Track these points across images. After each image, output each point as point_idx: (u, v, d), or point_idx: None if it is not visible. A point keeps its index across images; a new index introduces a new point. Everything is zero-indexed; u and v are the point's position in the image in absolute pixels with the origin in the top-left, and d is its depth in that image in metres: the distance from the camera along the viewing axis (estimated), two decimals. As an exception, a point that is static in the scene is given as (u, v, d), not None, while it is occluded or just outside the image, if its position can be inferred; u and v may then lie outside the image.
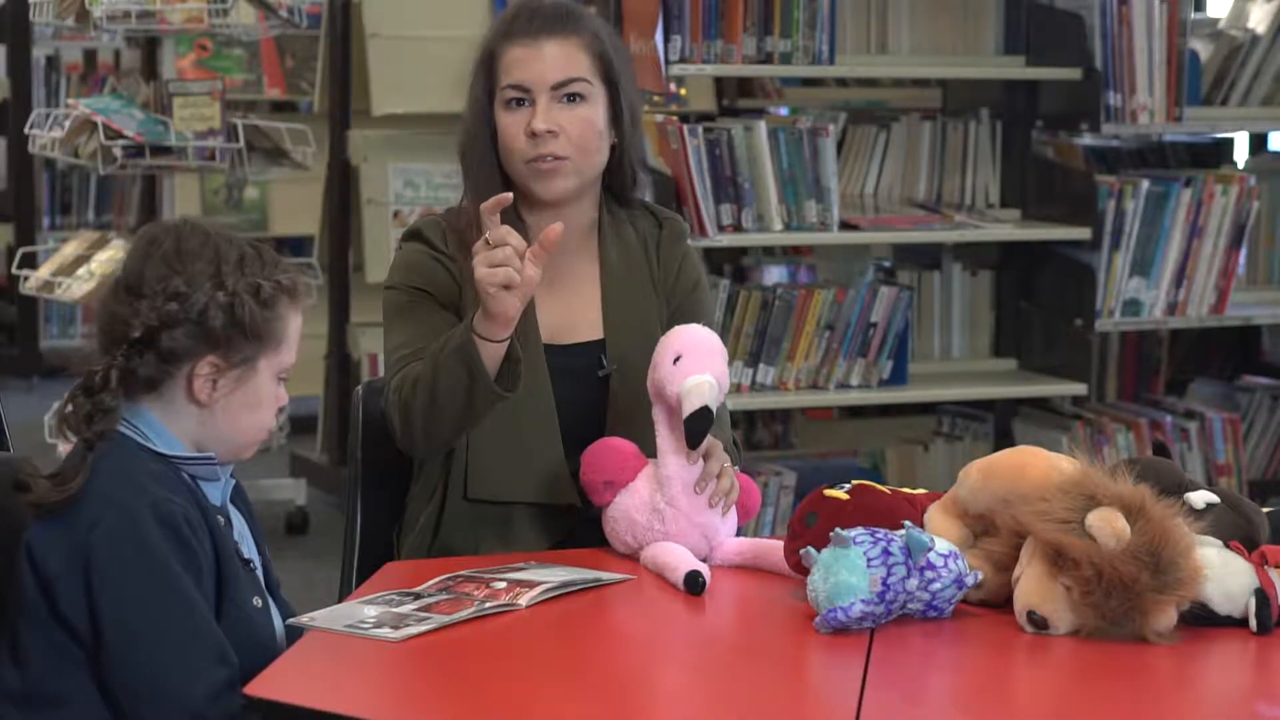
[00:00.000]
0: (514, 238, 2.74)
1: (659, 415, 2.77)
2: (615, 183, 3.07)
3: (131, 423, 2.50)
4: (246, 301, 2.49)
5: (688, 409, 2.71)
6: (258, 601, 2.54)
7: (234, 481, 2.61)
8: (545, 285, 2.93)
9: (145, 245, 2.52)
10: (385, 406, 2.93)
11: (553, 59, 2.97)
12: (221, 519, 2.53)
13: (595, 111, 2.98)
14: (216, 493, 2.55)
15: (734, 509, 2.81)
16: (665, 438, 2.77)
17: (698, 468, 2.77)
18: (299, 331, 2.57)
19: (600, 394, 3.00)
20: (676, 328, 2.82)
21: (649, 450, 2.80)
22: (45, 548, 2.44)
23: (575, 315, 3.02)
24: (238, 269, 2.50)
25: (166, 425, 2.51)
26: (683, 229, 3.14)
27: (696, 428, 2.71)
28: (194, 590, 2.42)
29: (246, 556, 2.57)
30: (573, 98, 2.97)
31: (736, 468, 2.86)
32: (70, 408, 2.47)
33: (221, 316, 2.48)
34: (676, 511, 2.75)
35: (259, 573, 2.60)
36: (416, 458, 3.01)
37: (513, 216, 2.97)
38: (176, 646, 2.40)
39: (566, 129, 2.95)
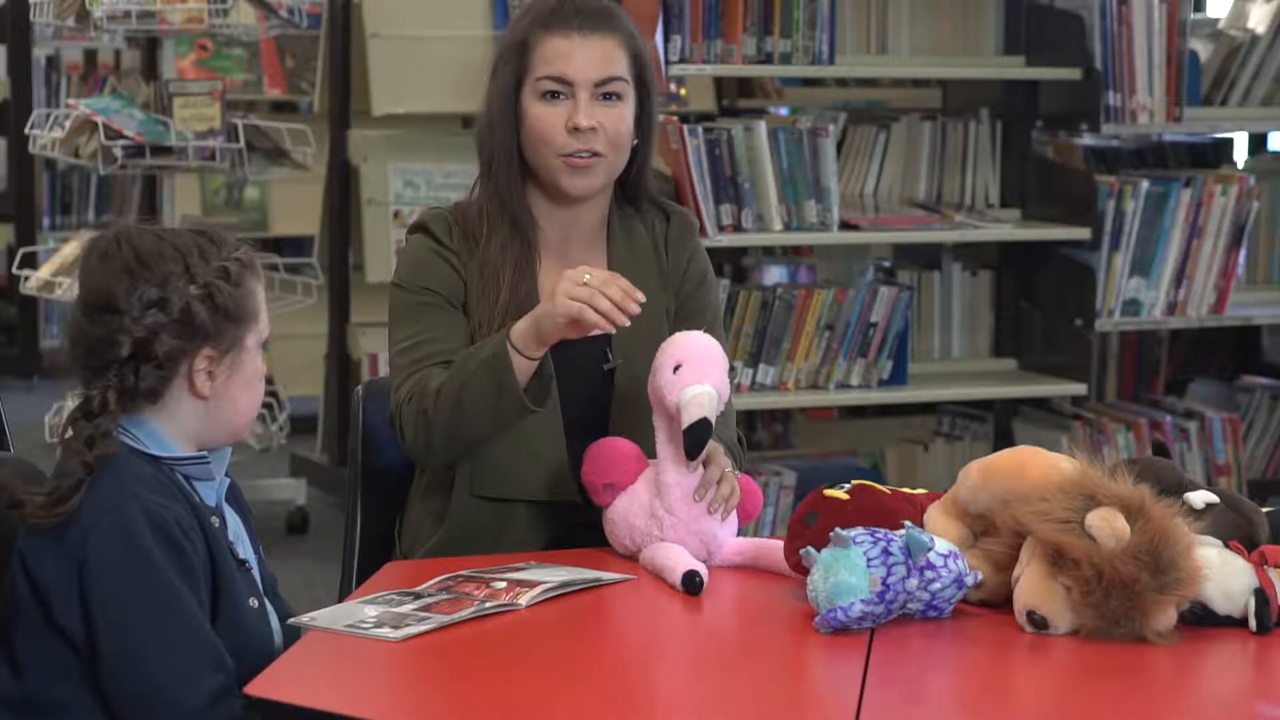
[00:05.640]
0: (614, 290, 2.74)
1: (659, 422, 2.76)
2: (629, 185, 3.06)
3: (125, 428, 2.49)
4: (221, 287, 2.49)
5: (686, 420, 2.70)
6: (253, 603, 2.54)
7: (229, 480, 2.61)
8: (552, 278, 2.95)
9: (99, 260, 2.49)
10: (394, 413, 2.92)
11: (597, 55, 2.96)
12: (216, 520, 2.53)
13: (629, 111, 2.99)
14: (211, 493, 2.55)
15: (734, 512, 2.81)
16: (664, 445, 2.76)
17: (697, 475, 2.76)
18: (264, 298, 2.58)
19: (605, 388, 3.00)
20: (677, 335, 2.81)
21: (653, 448, 2.80)
22: (39, 556, 2.43)
23: None
24: (202, 259, 2.50)
25: (166, 429, 2.51)
26: (691, 222, 3.14)
27: (695, 439, 2.71)
28: (189, 596, 2.42)
29: (242, 557, 2.56)
30: (610, 96, 2.97)
31: (738, 471, 2.86)
32: (71, 432, 2.47)
33: (203, 308, 2.48)
34: (675, 519, 2.75)
35: (255, 573, 2.60)
36: (426, 467, 3.01)
37: (525, 209, 2.99)
38: (172, 654, 2.39)
39: (605, 126, 2.95)
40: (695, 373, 2.73)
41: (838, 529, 2.45)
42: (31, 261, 6.04)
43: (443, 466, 2.97)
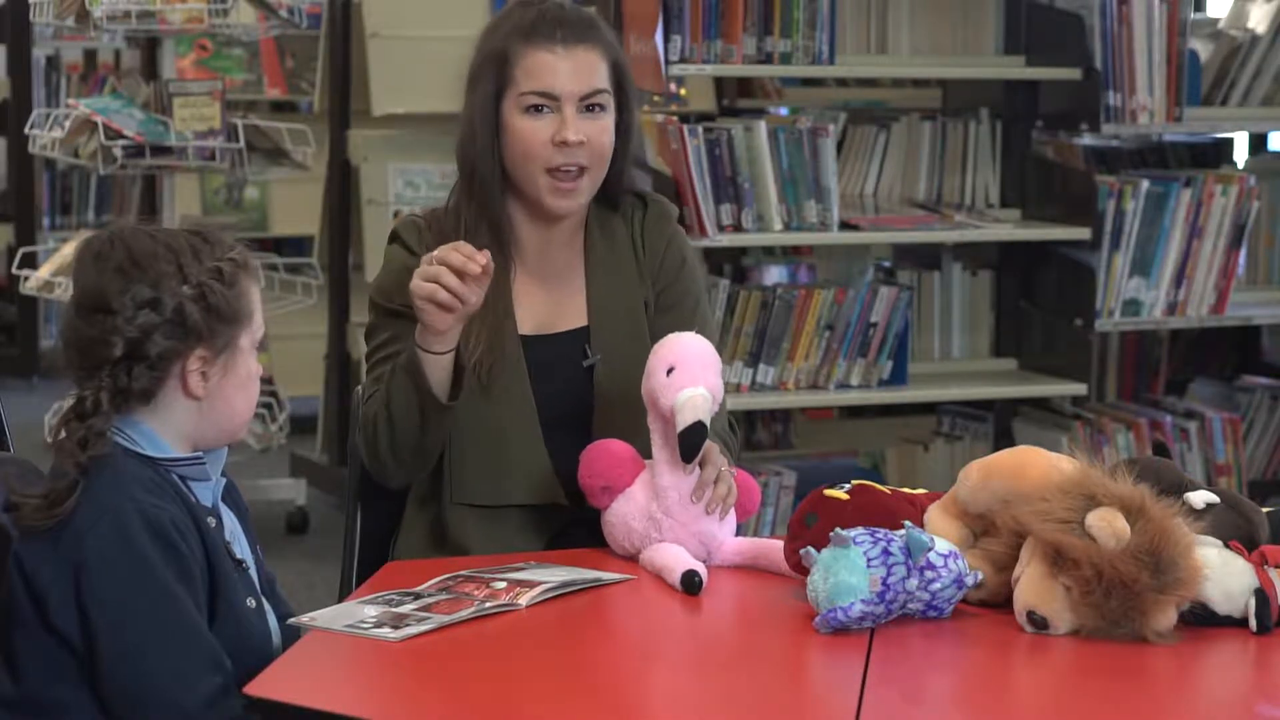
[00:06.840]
0: (454, 257, 2.74)
1: (653, 425, 2.76)
2: (608, 186, 3.04)
3: (119, 429, 2.49)
4: (214, 287, 2.49)
5: (681, 424, 2.70)
6: (251, 602, 2.54)
7: (225, 480, 2.60)
8: (529, 277, 2.96)
9: (93, 261, 2.49)
10: (358, 440, 2.95)
11: (581, 69, 2.94)
12: (212, 520, 2.52)
13: (611, 122, 2.98)
14: (208, 493, 2.55)
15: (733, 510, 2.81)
16: (660, 448, 2.76)
17: (694, 476, 2.76)
18: (259, 299, 2.58)
19: (585, 386, 2.99)
20: (669, 336, 2.80)
21: (643, 445, 2.79)
22: (36, 559, 2.43)
23: (559, 305, 3.01)
24: (195, 259, 2.49)
25: (160, 431, 2.51)
26: (668, 210, 3.10)
27: (690, 443, 2.70)
28: (186, 597, 2.42)
29: (239, 557, 2.56)
30: (594, 108, 2.95)
31: (733, 468, 2.85)
32: (64, 433, 2.46)
33: (196, 309, 2.47)
34: (673, 522, 2.74)
35: (252, 573, 2.60)
36: (390, 486, 3.00)
37: (505, 219, 2.97)
38: (170, 655, 2.39)
39: (590, 140, 2.94)
40: (689, 375, 2.73)
41: (838, 529, 2.44)
42: (31, 261, 6.04)
43: (403, 483, 2.97)
